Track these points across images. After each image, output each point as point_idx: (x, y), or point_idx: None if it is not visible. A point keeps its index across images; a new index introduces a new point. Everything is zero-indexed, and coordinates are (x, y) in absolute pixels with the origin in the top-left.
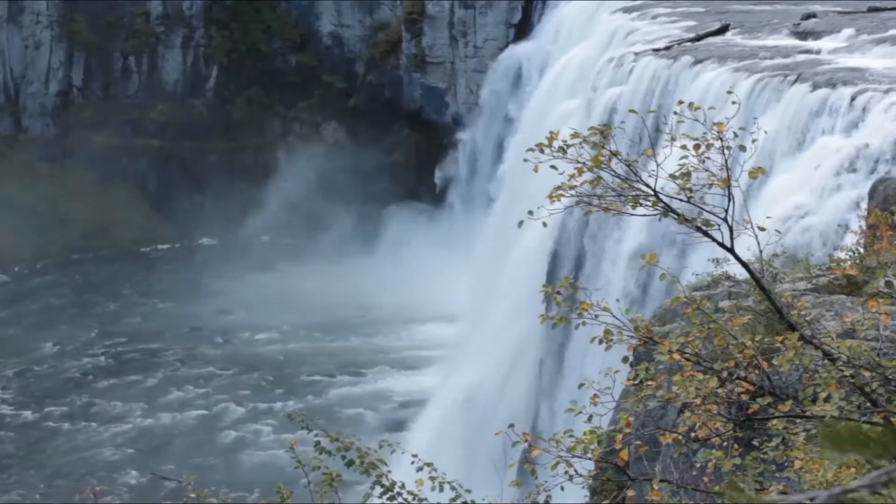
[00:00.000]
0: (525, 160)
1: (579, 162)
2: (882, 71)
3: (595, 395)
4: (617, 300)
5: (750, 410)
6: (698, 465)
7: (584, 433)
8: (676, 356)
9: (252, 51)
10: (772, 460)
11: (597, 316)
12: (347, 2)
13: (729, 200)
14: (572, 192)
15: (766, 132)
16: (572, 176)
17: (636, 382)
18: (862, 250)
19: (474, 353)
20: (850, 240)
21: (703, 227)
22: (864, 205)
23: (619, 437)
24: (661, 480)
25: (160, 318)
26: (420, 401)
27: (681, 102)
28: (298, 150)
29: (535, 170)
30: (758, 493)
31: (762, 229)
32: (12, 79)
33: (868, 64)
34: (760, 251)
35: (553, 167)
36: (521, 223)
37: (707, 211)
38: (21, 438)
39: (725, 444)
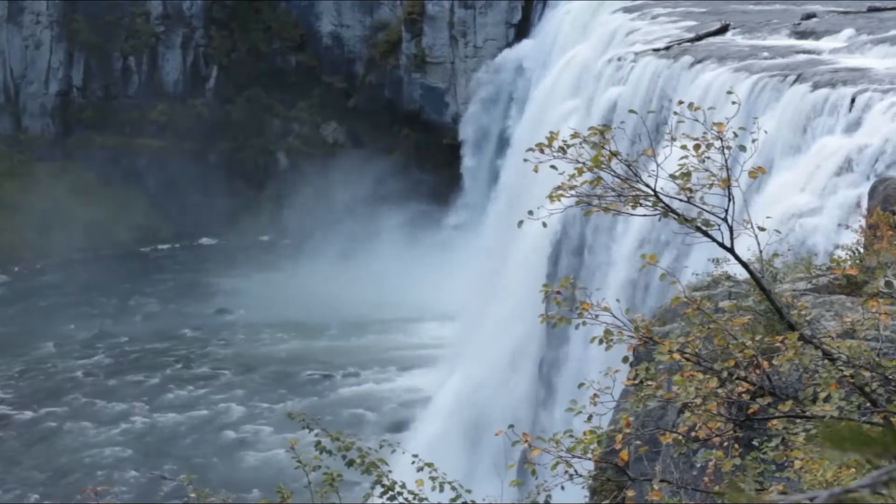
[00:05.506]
0: (525, 160)
1: (579, 162)
2: (882, 71)
3: (595, 395)
4: (617, 300)
5: (750, 410)
6: (698, 465)
7: (584, 433)
8: (676, 356)
9: (252, 51)
10: (772, 460)
11: (597, 316)
12: (347, 2)
13: (729, 200)
14: (572, 192)
15: (766, 132)
16: (572, 176)
17: (636, 382)
18: (862, 250)
19: (474, 352)
20: (849, 240)
21: (703, 227)
22: (864, 204)
23: (619, 437)
24: (661, 480)
25: (160, 318)
26: (420, 400)
27: (681, 102)
28: (298, 150)
29: (535, 170)
30: (758, 493)
31: (762, 229)
32: (12, 79)
33: (868, 64)
34: (760, 251)
35: (553, 167)
36: (521, 223)
37: (707, 211)
38: (21, 438)
39: (725, 444)
